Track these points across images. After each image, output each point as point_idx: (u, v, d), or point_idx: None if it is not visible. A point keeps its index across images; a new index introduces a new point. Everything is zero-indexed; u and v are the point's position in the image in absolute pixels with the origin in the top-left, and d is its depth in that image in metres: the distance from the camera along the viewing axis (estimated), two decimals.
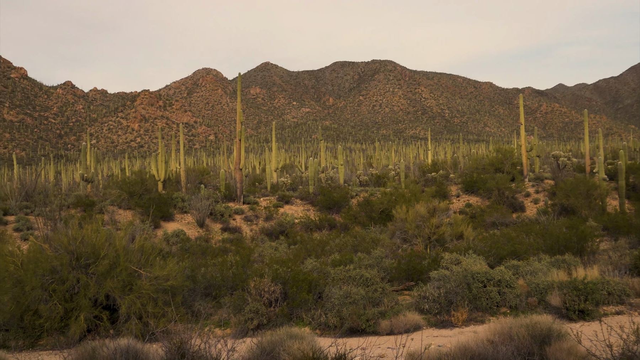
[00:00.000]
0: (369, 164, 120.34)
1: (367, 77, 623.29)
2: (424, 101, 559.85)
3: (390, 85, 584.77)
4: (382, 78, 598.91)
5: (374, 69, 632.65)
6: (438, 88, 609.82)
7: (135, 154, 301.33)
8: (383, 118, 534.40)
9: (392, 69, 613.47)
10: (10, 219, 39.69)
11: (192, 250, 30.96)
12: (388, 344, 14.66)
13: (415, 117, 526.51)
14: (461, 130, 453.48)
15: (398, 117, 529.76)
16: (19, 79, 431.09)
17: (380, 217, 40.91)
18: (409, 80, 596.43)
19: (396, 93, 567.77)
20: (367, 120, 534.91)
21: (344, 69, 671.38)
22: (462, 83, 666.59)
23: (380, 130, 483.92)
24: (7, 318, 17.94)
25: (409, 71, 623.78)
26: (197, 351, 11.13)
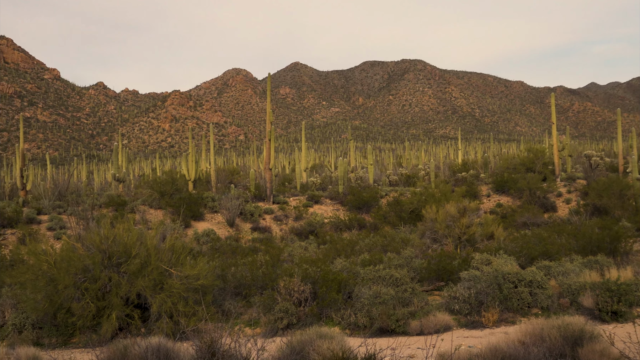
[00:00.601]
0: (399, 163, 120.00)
1: (397, 76, 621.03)
2: (454, 100, 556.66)
3: (420, 84, 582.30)
4: (412, 77, 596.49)
5: (403, 68, 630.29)
6: (468, 87, 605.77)
7: (166, 154, 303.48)
8: (413, 117, 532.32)
9: (422, 68, 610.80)
10: (43, 218, 40.19)
11: (222, 250, 31.09)
12: (418, 344, 14.59)
13: (445, 117, 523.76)
14: (492, 130, 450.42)
15: (428, 116, 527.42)
16: (52, 80, 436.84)
17: (410, 217, 40.75)
18: (439, 79, 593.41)
19: (426, 92, 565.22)
20: (397, 120, 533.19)
21: (373, 68, 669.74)
22: (493, 82, 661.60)
23: (410, 129, 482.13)
24: (41, 316, 18.17)
25: (439, 70, 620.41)
26: (227, 350, 11.18)
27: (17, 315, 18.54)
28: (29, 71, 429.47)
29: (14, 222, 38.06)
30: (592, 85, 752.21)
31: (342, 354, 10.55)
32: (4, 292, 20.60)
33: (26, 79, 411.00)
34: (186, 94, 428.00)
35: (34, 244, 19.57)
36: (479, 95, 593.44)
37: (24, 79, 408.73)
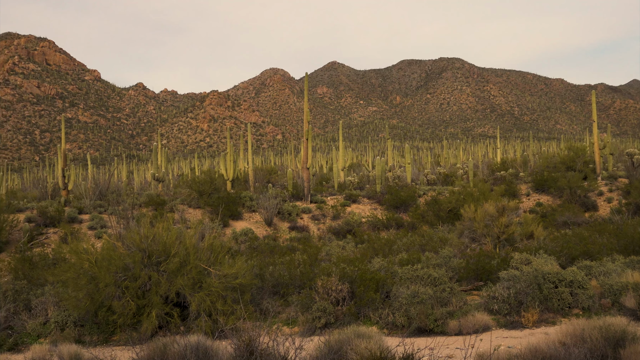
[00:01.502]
0: (437, 162, 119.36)
1: (435, 75, 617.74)
2: (492, 99, 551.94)
3: (458, 83, 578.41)
4: (450, 76, 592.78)
5: (441, 66, 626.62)
6: (507, 85, 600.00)
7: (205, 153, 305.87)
8: (451, 116, 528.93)
9: (460, 67, 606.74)
10: (85, 218, 40.78)
11: (260, 249, 31.23)
12: (456, 344, 14.51)
13: (483, 115, 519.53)
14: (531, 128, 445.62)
15: (466, 115, 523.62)
16: (93, 81, 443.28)
17: (448, 216, 40.50)
18: (477, 77, 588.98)
19: (464, 91, 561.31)
20: (435, 119, 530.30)
21: (411, 67, 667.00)
22: (532, 80, 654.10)
23: (448, 128, 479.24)
24: (82, 314, 18.43)
25: (477, 68, 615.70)
26: (265, 349, 11.23)
27: (60, 312, 18.84)
28: (70, 73, 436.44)
29: (56, 221, 38.68)
30: (635, 82, 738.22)
31: (379, 354, 10.54)
32: (47, 290, 20.94)
33: (67, 80, 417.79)
34: (224, 94, 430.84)
35: (76, 243, 19.87)
36: (518, 93, 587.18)
37: (66, 81, 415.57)
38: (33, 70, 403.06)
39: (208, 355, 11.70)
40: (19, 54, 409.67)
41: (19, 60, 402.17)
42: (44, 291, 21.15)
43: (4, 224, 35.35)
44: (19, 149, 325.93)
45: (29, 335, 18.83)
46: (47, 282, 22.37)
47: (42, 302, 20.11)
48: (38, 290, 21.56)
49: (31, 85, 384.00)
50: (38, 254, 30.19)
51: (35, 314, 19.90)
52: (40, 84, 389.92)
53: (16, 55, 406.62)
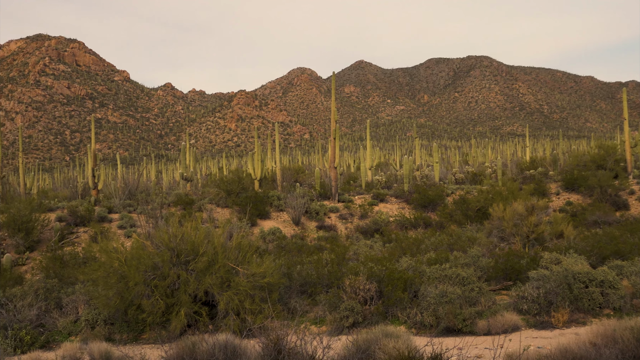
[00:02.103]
0: (465, 161, 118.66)
1: (463, 73, 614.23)
2: (521, 97, 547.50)
3: (486, 81, 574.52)
4: (478, 74, 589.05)
5: (469, 65, 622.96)
6: (536, 83, 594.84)
7: (233, 153, 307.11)
8: (479, 115, 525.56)
9: (488, 65, 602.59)
10: (114, 217, 41.15)
11: (288, 248, 31.29)
12: (485, 344, 14.43)
13: (512, 114, 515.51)
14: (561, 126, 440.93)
15: (495, 113, 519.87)
16: (122, 82, 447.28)
17: (477, 215, 40.25)
18: (506, 75, 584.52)
19: (492, 89, 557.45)
20: (463, 117, 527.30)
21: (438, 65, 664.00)
22: (562, 77, 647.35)
23: (476, 127, 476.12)
24: (113, 312, 18.61)
25: (506, 66, 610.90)
26: (293, 348, 11.25)
27: (90, 311, 19.04)
28: (99, 73, 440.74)
29: (86, 221, 39.08)
30: None
31: (408, 353, 10.51)
32: (78, 289, 21.16)
33: (97, 81, 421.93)
34: (252, 93, 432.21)
35: (106, 242, 20.06)
36: (547, 91, 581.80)
37: (95, 81, 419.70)
38: (63, 71, 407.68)
39: (236, 353, 11.75)
40: (49, 55, 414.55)
41: (49, 62, 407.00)
42: (74, 289, 21.38)
43: (36, 223, 35.79)
44: (50, 149, 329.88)
45: (60, 333, 19.06)
46: (78, 280, 22.61)
47: (72, 301, 20.33)
48: (69, 289, 21.80)
49: (61, 86, 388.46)
50: (69, 252, 30.53)
51: (66, 312, 20.12)
52: (70, 84, 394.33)
53: (47, 56, 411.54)
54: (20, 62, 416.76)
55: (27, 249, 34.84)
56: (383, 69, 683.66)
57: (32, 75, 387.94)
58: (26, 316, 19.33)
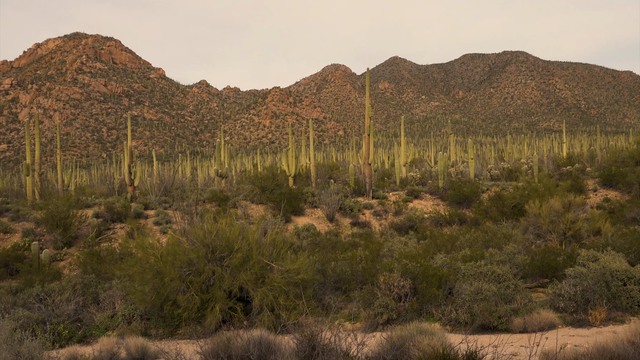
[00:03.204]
0: (501, 157, 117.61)
1: (498, 68, 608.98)
2: (558, 92, 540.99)
3: (522, 76, 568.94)
4: (514, 69, 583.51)
5: (505, 60, 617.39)
6: (573, 78, 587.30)
7: (267, 149, 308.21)
8: (515, 110, 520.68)
9: (524, 60, 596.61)
10: (150, 213, 41.55)
11: (322, 245, 31.31)
12: (521, 342, 14.30)
13: (549, 109, 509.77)
14: (598, 122, 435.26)
15: (531, 109, 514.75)
16: (158, 79, 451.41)
17: (512, 212, 39.89)
18: (542, 71, 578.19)
19: (529, 84, 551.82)
20: (498, 113, 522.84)
21: (473, 61, 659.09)
22: (599, 72, 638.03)
23: (512, 123, 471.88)
24: (149, 307, 18.81)
25: (542, 62, 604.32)
26: (327, 344, 11.26)
27: (127, 306, 19.26)
28: (135, 71, 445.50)
29: (123, 217, 39.52)
30: None
31: (442, 350, 10.46)
32: (114, 284, 21.42)
33: (133, 78, 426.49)
34: (286, 90, 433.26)
35: (142, 238, 20.26)
36: (585, 86, 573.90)
37: (131, 79, 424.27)
38: (100, 69, 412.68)
39: (270, 349, 11.79)
40: (86, 53, 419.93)
41: (86, 60, 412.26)
42: (111, 285, 21.64)
43: (73, 219, 36.27)
44: (87, 146, 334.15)
45: (97, 328, 19.31)
46: (115, 276, 22.89)
47: (109, 296, 20.59)
48: (106, 284, 22.08)
49: (98, 83, 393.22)
50: (106, 248, 30.92)
51: (103, 307, 20.39)
52: (107, 82, 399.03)
53: (84, 54, 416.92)
54: (58, 60, 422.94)
55: (65, 244, 35.33)
56: (417, 65, 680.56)
57: (70, 73, 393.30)
58: (64, 311, 19.62)
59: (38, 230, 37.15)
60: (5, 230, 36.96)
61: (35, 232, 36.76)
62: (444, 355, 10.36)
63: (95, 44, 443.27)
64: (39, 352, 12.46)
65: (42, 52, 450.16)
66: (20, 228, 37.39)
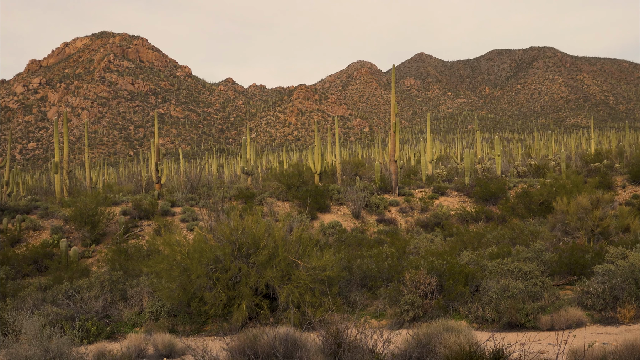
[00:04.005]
0: (528, 154, 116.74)
1: (525, 64, 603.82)
2: (586, 88, 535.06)
3: (549, 72, 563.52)
4: (541, 65, 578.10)
5: (532, 56, 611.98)
6: (601, 74, 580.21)
7: (293, 147, 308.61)
8: (542, 107, 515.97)
9: (552, 56, 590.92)
10: (177, 210, 41.80)
11: (347, 242, 31.30)
12: (548, 339, 14.20)
13: (576, 105, 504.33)
14: (627, 118, 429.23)
15: (558, 105, 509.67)
16: (184, 77, 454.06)
17: (540, 209, 39.59)
18: (570, 66, 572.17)
19: (556, 80, 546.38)
20: (525, 110, 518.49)
21: (500, 57, 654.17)
22: (628, 68, 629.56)
23: (539, 119, 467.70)
24: (176, 304, 18.94)
25: (570, 57, 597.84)
26: (353, 341, 11.27)
27: (154, 303, 19.42)
28: (162, 69, 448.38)
29: (150, 214, 39.80)
30: None
31: (469, 348, 10.42)
32: (142, 281, 21.59)
33: (160, 76, 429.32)
34: (312, 87, 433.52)
35: (169, 235, 20.42)
36: (613, 82, 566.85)
37: (158, 77, 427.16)
38: (127, 67, 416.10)
39: (296, 346, 11.82)
40: (113, 52, 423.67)
41: (114, 58, 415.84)
42: (139, 282, 21.82)
43: (101, 216, 36.61)
44: (115, 144, 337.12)
45: (125, 324, 19.48)
46: (142, 273, 23.07)
47: (137, 292, 20.76)
48: (133, 281, 22.26)
49: (125, 82, 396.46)
50: (133, 245, 31.18)
51: (130, 303, 20.56)
52: (134, 80, 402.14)
53: (111, 53, 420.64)
54: (86, 59, 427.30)
55: (93, 241, 35.68)
56: (443, 62, 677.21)
57: (97, 71, 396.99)
58: (92, 307, 19.82)
59: (66, 227, 37.56)
60: (34, 227, 37.42)
61: (63, 229, 37.17)
62: (471, 352, 10.32)
63: (122, 42, 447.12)
64: (67, 348, 12.61)
65: (70, 51, 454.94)
66: (49, 225, 37.83)
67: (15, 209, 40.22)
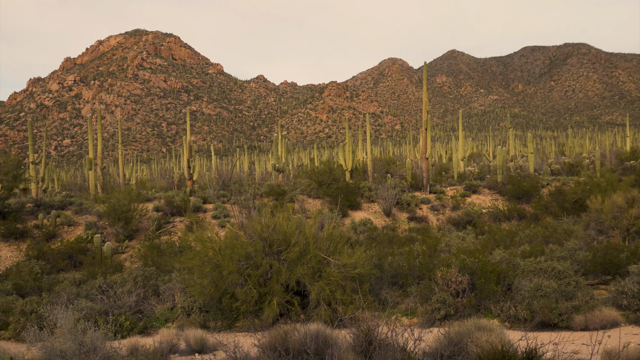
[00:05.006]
0: (561, 152, 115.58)
1: (559, 61, 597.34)
2: (621, 85, 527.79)
3: (584, 69, 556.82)
4: (575, 62, 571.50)
5: (566, 52, 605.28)
6: (637, 70, 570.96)
7: (324, 144, 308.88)
8: (576, 104, 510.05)
9: (586, 52, 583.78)
10: (209, 207, 42.05)
11: (379, 239, 31.23)
12: (582, 340, 14.04)
13: (611, 102, 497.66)
14: None
15: (593, 102, 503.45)
16: (216, 75, 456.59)
17: (573, 207, 39.15)
18: (605, 63, 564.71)
19: (590, 77, 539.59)
20: (559, 107, 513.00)
21: (533, 54, 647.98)
22: None
23: (573, 116, 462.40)
24: (207, 300, 19.06)
25: (605, 54, 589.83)
26: (384, 339, 11.24)
27: (186, 298, 19.56)
28: (194, 67, 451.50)
29: (182, 211, 40.09)
30: None
31: (501, 347, 10.34)
32: (174, 277, 21.77)
33: (192, 74, 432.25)
34: (343, 84, 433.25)
35: (201, 232, 20.55)
36: None
37: (190, 74, 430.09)
38: (160, 65, 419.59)
39: (327, 343, 11.82)
40: (147, 49, 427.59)
41: (147, 56, 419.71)
42: (171, 277, 22.00)
43: (134, 212, 36.93)
44: (147, 141, 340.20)
45: (157, 320, 19.66)
46: (174, 268, 23.25)
47: (169, 288, 20.94)
48: (166, 277, 22.45)
49: (158, 79, 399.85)
50: (165, 241, 31.45)
51: (163, 299, 20.75)
52: (166, 78, 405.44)
53: (144, 51, 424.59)
54: (120, 56, 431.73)
55: (126, 237, 36.03)
56: (476, 58, 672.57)
57: (131, 69, 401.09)
58: (125, 302, 20.03)
59: (100, 223, 37.98)
60: (69, 223, 37.90)
61: (97, 225, 37.59)
62: (503, 352, 10.24)
63: (155, 40, 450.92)
64: (101, 342, 12.75)
65: (104, 49, 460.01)
66: (84, 221, 38.29)
67: (50, 204, 40.76)
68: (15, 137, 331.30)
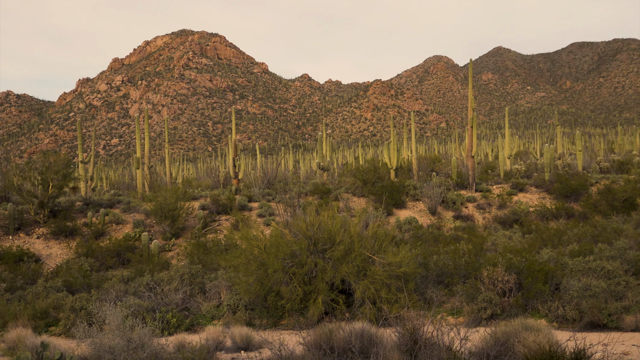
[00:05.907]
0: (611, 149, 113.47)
1: (608, 57, 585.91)
2: None
3: (634, 65, 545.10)
4: (625, 58, 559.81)
5: (615, 48, 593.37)
6: None
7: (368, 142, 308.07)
8: (626, 100, 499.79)
9: (637, 48, 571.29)
10: (254, 205, 42.30)
11: (424, 238, 31.09)
12: (633, 341, 13.79)
13: None
14: None
15: None
16: (261, 74, 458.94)
17: (623, 206, 38.45)
18: None
19: None
20: (608, 104, 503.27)
21: (581, 50, 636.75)
22: None
23: (622, 113, 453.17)
24: (253, 298, 19.19)
25: None
26: (429, 338, 11.19)
27: (232, 296, 19.71)
28: (239, 66, 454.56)
29: (227, 209, 40.39)
30: None
31: (549, 348, 10.21)
32: (220, 275, 21.96)
33: (237, 73, 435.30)
34: (387, 82, 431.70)
35: (246, 230, 20.68)
36: None
37: (235, 74, 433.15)
38: (205, 64, 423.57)
39: (372, 342, 11.82)
40: (192, 49, 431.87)
41: (192, 56, 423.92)
42: (217, 275, 22.19)
43: (181, 211, 37.35)
44: (194, 140, 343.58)
45: (203, 317, 19.85)
46: (220, 266, 23.45)
47: (215, 286, 21.12)
48: (212, 275, 22.66)
49: (204, 79, 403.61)
50: (211, 239, 31.74)
51: (209, 296, 20.94)
52: (212, 77, 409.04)
53: (190, 51, 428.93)
54: (166, 56, 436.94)
55: (173, 235, 36.46)
56: (522, 55, 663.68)
57: (177, 69, 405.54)
58: (172, 300, 20.28)
59: (148, 221, 38.50)
60: (117, 221, 38.51)
61: (145, 223, 38.11)
62: (551, 352, 10.11)
63: (200, 40, 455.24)
64: (149, 339, 12.93)
65: (150, 49, 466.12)
66: (131, 219, 38.86)
67: (99, 203, 41.48)
68: (65, 136, 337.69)
